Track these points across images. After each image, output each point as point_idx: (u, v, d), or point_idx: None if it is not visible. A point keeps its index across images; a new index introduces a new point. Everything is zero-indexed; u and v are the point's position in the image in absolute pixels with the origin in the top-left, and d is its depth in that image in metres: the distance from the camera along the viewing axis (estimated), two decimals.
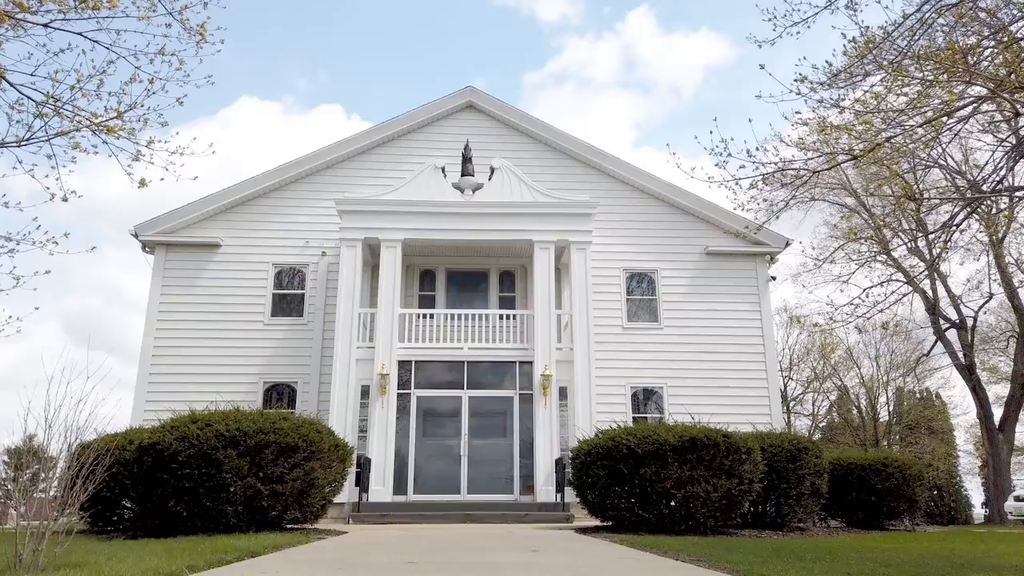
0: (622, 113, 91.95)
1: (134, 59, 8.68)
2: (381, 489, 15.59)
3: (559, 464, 15.55)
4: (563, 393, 16.74)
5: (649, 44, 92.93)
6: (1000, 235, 23.46)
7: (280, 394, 18.15)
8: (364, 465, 15.40)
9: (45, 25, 8.26)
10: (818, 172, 11.15)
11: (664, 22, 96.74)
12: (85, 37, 8.39)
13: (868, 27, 9.90)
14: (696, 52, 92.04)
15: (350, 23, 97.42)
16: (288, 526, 11.17)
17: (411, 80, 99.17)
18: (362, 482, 15.29)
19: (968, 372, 29.05)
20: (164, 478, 10.44)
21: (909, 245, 27.59)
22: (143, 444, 10.78)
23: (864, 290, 20.44)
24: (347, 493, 14.49)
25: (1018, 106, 9.86)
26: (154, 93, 8.79)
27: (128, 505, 12.21)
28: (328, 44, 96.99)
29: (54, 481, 7.33)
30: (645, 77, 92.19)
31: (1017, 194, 13.44)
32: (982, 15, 10.05)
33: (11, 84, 8.42)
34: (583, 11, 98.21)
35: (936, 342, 30.17)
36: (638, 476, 11.27)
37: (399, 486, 15.96)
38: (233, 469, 10.35)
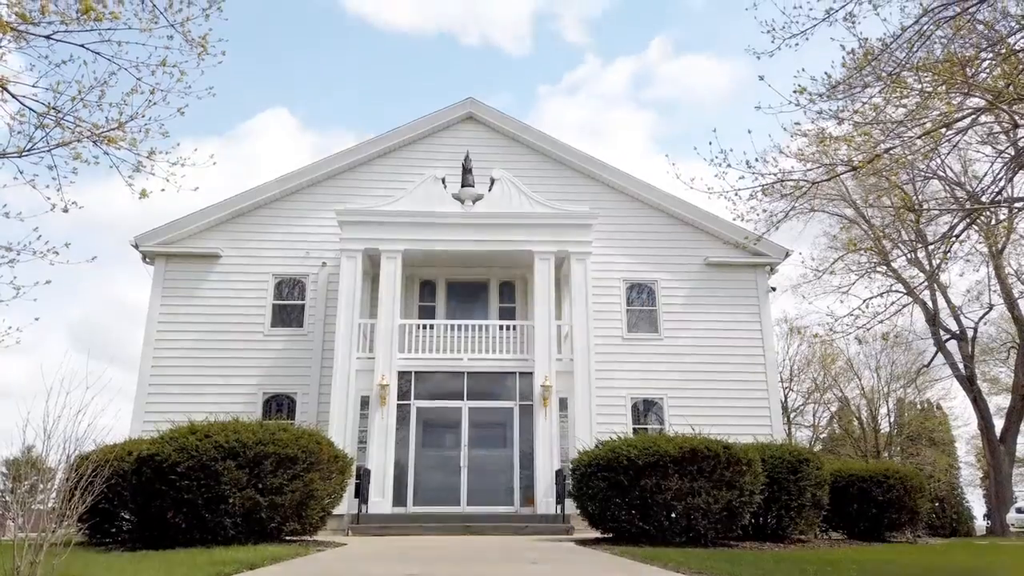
0: (638, 126, 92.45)
1: (135, 70, 8.69)
2: (381, 500, 15.52)
3: (559, 475, 15.49)
4: (563, 404, 16.70)
5: (667, 63, 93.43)
6: (1000, 246, 23.46)
7: (280, 405, 18.11)
8: (364, 476, 15.34)
9: (47, 37, 8.29)
10: (817, 183, 11.18)
11: (680, 45, 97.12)
12: (87, 49, 8.41)
13: (867, 39, 9.94)
14: (713, 70, 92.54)
15: (365, 38, 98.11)
16: (287, 538, 11.12)
17: (424, 96, 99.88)
18: (362, 493, 15.22)
19: (969, 383, 28.98)
20: (163, 489, 10.40)
21: (909, 256, 27.59)
22: (142, 455, 10.75)
23: (864, 301, 20.36)
24: (346, 504, 14.43)
25: (1016, 117, 9.90)
26: (155, 104, 8.81)
27: (126, 517, 12.17)
28: (343, 59, 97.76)
29: (52, 492, 7.30)
30: (661, 92, 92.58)
31: (1016, 205, 13.47)
32: (980, 27, 10.11)
33: (13, 95, 8.44)
34: (600, 36, 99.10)
35: (936, 353, 30.12)
36: (638, 487, 11.23)
37: (399, 497, 15.90)
38: (232, 480, 10.31)
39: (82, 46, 8.40)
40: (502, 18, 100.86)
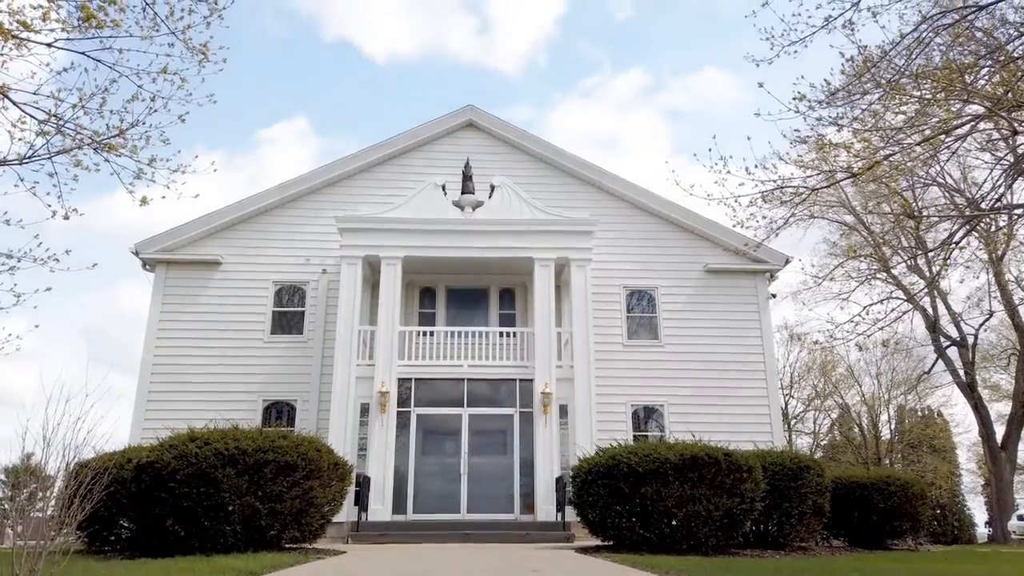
0: (648, 135, 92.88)
1: (136, 78, 8.71)
2: (380, 508, 15.48)
3: (560, 482, 15.45)
4: (563, 411, 16.67)
5: (677, 74, 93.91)
6: (999, 253, 23.44)
7: (279, 412, 18.07)
8: (363, 484, 15.30)
9: (48, 45, 8.32)
10: (817, 190, 11.19)
11: (688, 55, 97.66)
12: (88, 56, 8.44)
13: (866, 46, 9.98)
14: (719, 80, 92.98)
15: (379, 74, 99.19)
16: (287, 546, 11.07)
17: (431, 102, 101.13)
18: (361, 501, 15.18)
19: (969, 390, 28.92)
20: (162, 497, 10.36)
21: (908, 263, 27.55)
22: (141, 463, 10.72)
23: (864, 308, 20.37)
24: (346, 512, 14.38)
25: (1015, 124, 9.92)
26: (156, 111, 8.83)
27: (126, 524, 12.13)
28: (363, 70, 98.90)
29: (51, 500, 7.28)
30: (671, 102, 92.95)
31: (1016, 212, 13.48)
32: (979, 35, 10.14)
33: (14, 103, 8.46)
34: (613, 49, 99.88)
35: (937, 360, 30.05)
36: (639, 495, 11.20)
37: (398, 505, 15.85)
38: (232, 488, 10.28)
39: (83, 53, 8.43)
40: (516, 40, 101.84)
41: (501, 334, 17.64)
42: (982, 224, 15.66)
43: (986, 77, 9.90)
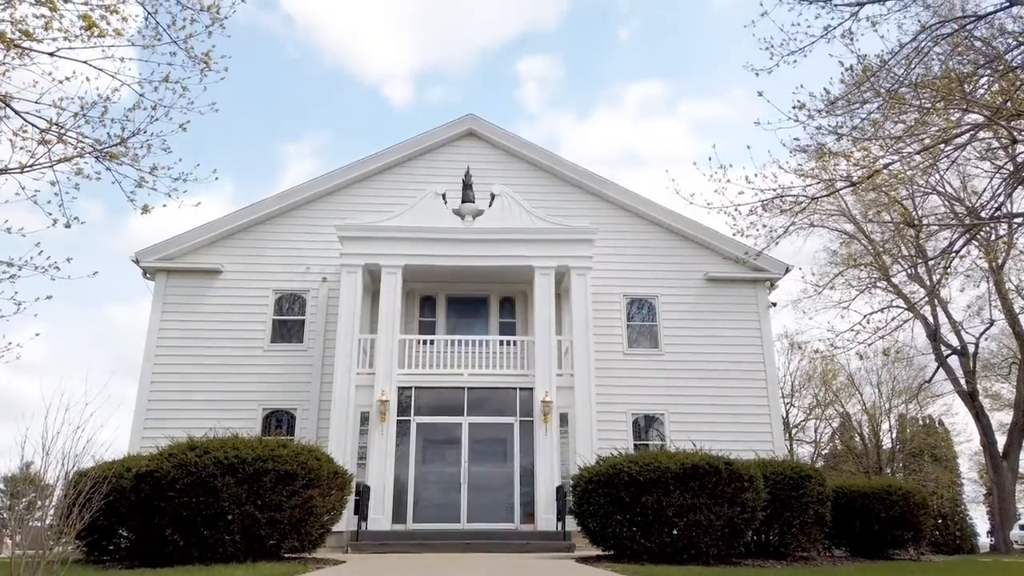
0: (673, 146, 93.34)
1: (138, 87, 8.75)
2: (380, 517, 15.42)
3: (560, 492, 15.40)
4: (564, 420, 16.63)
5: (686, 89, 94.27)
6: (1000, 261, 23.47)
7: (279, 421, 18.04)
8: (363, 493, 15.25)
9: (51, 54, 8.34)
10: (816, 198, 11.20)
11: (696, 65, 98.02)
12: (90, 65, 8.47)
13: (865, 56, 10.02)
14: (730, 91, 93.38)
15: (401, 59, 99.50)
16: (286, 555, 11.03)
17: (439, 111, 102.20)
18: (361, 510, 15.13)
19: (971, 399, 28.86)
20: (161, 506, 10.33)
21: (909, 271, 27.57)
22: (140, 472, 10.68)
23: (864, 316, 20.35)
24: (346, 521, 14.32)
25: (1015, 133, 9.94)
26: (157, 120, 8.84)
27: (125, 534, 12.09)
28: (389, 113, 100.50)
29: (50, 509, 7.26)
30: (693, 112, 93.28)
31: (1016, 220, 13.48)
32: (977, 44, 10.18)
33: (16, 112, 8.48)
34: (624, 59, 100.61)
35: (938, 368, 30.02)
36: (639, 504, 11.15)
37: (398, 514, 15.80)
38: (231, 497, 10.24)
39: (85, 62, 8.46)
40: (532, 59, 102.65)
41: (501, 343, 17.62)
42: (982, 233, 15.67)
43: (985, 86, 9.94)
